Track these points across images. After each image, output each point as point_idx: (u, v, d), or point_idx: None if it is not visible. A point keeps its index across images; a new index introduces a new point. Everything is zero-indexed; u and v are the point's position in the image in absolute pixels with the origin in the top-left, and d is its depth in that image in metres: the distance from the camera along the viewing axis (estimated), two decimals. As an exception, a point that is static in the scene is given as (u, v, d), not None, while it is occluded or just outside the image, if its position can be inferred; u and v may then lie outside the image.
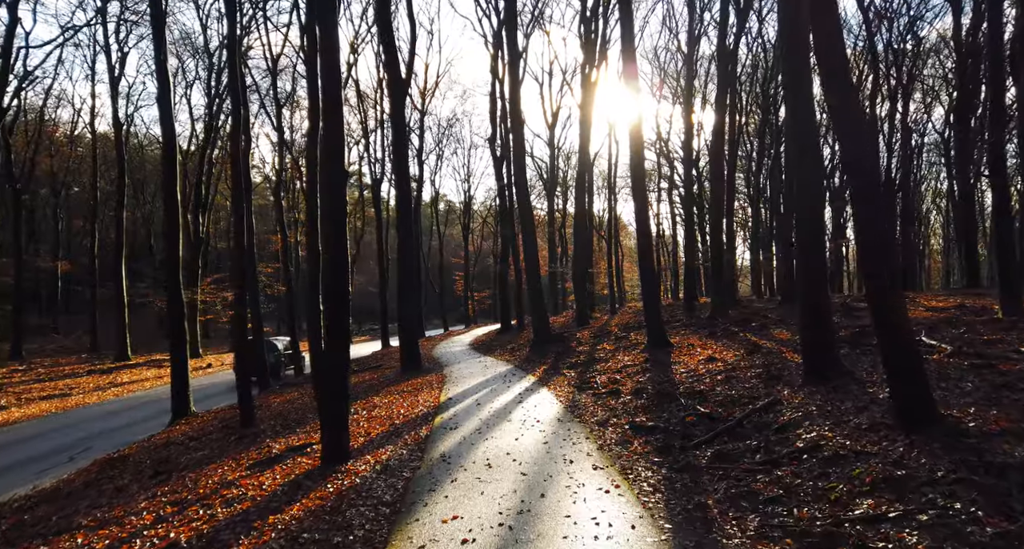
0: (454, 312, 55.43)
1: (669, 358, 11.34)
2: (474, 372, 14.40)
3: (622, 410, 8.17)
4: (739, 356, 9.99)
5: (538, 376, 12.74)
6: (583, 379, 11.30)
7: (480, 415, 8.84)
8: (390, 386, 13.33)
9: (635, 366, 11.29)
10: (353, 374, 18.19)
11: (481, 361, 17.20)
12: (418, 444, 7.36)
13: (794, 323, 14.05)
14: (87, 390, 21.16)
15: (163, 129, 13.33)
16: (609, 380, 10.59)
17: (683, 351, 11.85)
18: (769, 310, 17.44)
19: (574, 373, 12.35)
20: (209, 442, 9.76)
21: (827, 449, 4.96)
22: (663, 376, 9.74)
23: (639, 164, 13.56)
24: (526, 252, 17.86)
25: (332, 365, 6.82)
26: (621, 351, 13.49)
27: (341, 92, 6.64)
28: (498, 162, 27.14)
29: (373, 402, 11.18)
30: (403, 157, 14.65)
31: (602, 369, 11.88)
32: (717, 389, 8.00)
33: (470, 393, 11.08)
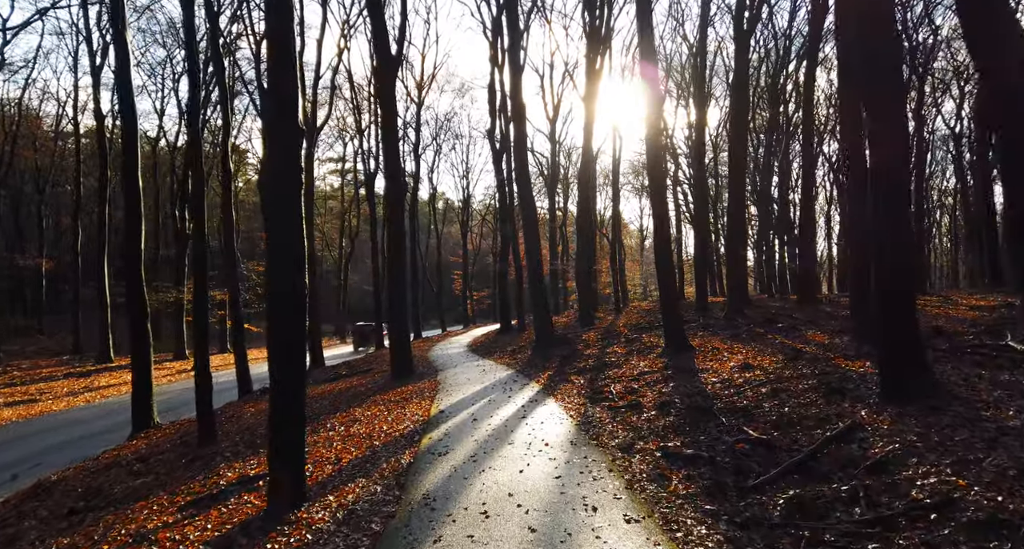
0: (452, 312, 53.87)
1: (693, 364, 9.81)
2: (471, 378, 12.87)
3: (648, 430, 6.64)
4: (779, 363, 8.46)
5: (542, 383, 11.21)
6: (595, 388, 9.77)
7: (476, 434, 7.30)
8: (377, 394, 11.79)
9: (654, 373, 9.76)
10: (340, 379, 16.66)
11: (479, 365, 15.66)
12: (397, 476, 5.82)
13: (827, 325, 12.55)
14: (59, 395, 19.59)
15: (121, 105, 11.80)
16: (626, 389, 9.06)
17: (707, 356, 10.32)
18: (789, 310, 15.94)
19: (583, 380, 10.82)
20: (157, 465, 8.21)
21: (968, 506, 3.43)
22: (691, 386, 8.21)
23: (657, 153, 11.99)
24: (528, 248, 16.33)
25: (281, 383, 5.29)
26: (635, 355, 11.96)
27: (293, 24, 5.10)
28: (497, 155, 25.60)
29: (354, 415, 9.63)
30: (393, 143, 13.14)
31: (615, 376, 10.35)
32: (765, 406, 6.47)
33: (466, 404, 9.54)
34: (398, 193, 13.32)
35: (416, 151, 31.79)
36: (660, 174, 11.88)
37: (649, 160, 11.83)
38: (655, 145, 11.98)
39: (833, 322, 12.68)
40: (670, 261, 11.38)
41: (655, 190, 11.74)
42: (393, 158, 13.24)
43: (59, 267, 35.42)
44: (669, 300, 11.12)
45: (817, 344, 10.00)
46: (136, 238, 12.08)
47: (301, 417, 5.35)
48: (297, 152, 5.17)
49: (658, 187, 11.81)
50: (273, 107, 5.06)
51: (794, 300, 22.35)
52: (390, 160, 13.22)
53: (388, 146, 13.38)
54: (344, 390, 13.58)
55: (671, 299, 11.12)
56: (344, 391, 13.37)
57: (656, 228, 11.50)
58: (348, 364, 20.72)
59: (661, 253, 11.33)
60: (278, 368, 5.29)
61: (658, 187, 11.81)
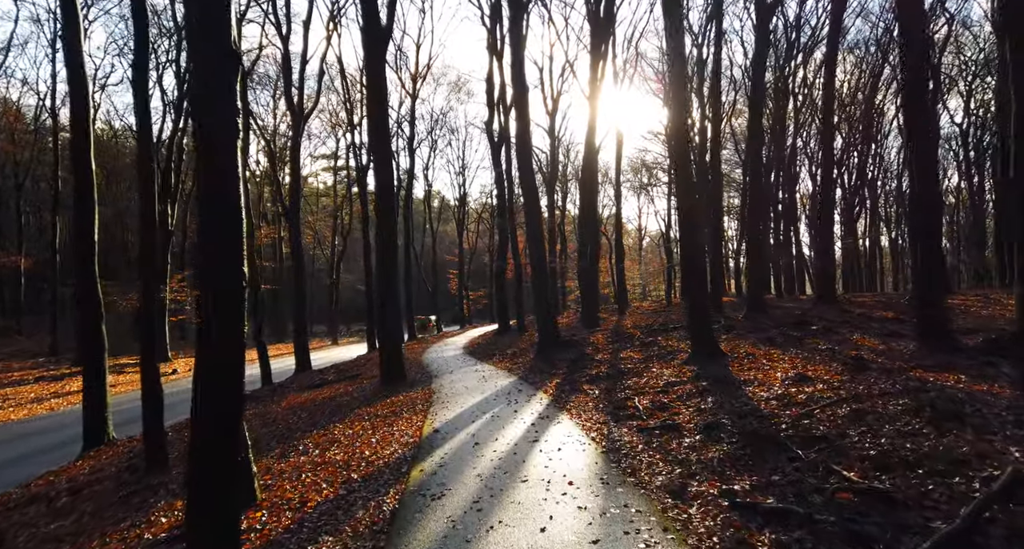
0: (448, 312, 52.31)
1: (729, 373, 8.32)
2: (469, 386, 11.33)
3: (698, 463, 5.14)
4: (842, 374, 6.99)
5: (550, 394, 9.70)
6: (615, 401, 8.27)
7: (479, 465, 5.77)
8: (363, 406, 10.23)
9: (684, 384, 8.26)
10: (326, 385, 15.09)
11: (478, 370, 14.12)
12: (376, 534, 4.29)
13: (869, 327, 11.10)
14: (23, 401, 17.90)
15: (70, 77, 10.19)
16: (654, 404, 7.56)
17: (744, 363, 8.84)
18: (811, 310, 14.50)
19: (598, 391, 9.31)
20: (87, 499, 6.64)
21: None
22: (737, 403, 6.72)
23: (684, 147, 10.46)
24: (530, 240, 14.81)
25: (207, 406, 3.72)
26: (655, 361, 10.46)
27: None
28: (496, 148, 24.07)
29: (333, 434, 8.07)
30: (382, 121, 11.60)
31: (637, 387, 8.85)
32: (851, 434, 4.97)
33: (464, 421, 8.01)
34: (387, 178, 11.77)
35: (411, 145, 30.23)
36: (688, 168, 10.36)
37: (677, 154, 10.30)
38: (682, 138, 10.45)
39: (874, 324, 11.24)
40: (700, 257, 9.90)
41: (682, 183, 10.22)
42: (382, 139, 11.69)
43: (39, 266, 33.60)
44: (698, 300, 9.61)
45: (870, 350, 8.54)
46: (88, 231, 10.50)
47: (231, 467, 3.75)
48: (230, 88, 3.60)
49: (686, 181, 10.28)
50: (195, 18, 3.51)
51: (802, 299, 21.01)
52: (378, 142, 11.67)
53: (376, 124, 11.82)
54: (327, 399, 12.01)
55: (700, 299, 9.62)
56: (327, 400, 11.80)
57: (683, 223, 10.01)
58: (337, 368, 19.14)
59: (690, 247, 9.82)
60: (202, 396, 3.72)
61: (686, 181, 10.28)
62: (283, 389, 15.57)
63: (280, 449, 7.67)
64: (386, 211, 12.02)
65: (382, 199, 11.89)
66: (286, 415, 10.67)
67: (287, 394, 14.62)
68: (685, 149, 10.20)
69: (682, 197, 9.93)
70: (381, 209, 11.87)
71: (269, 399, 14.13)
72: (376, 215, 12.71)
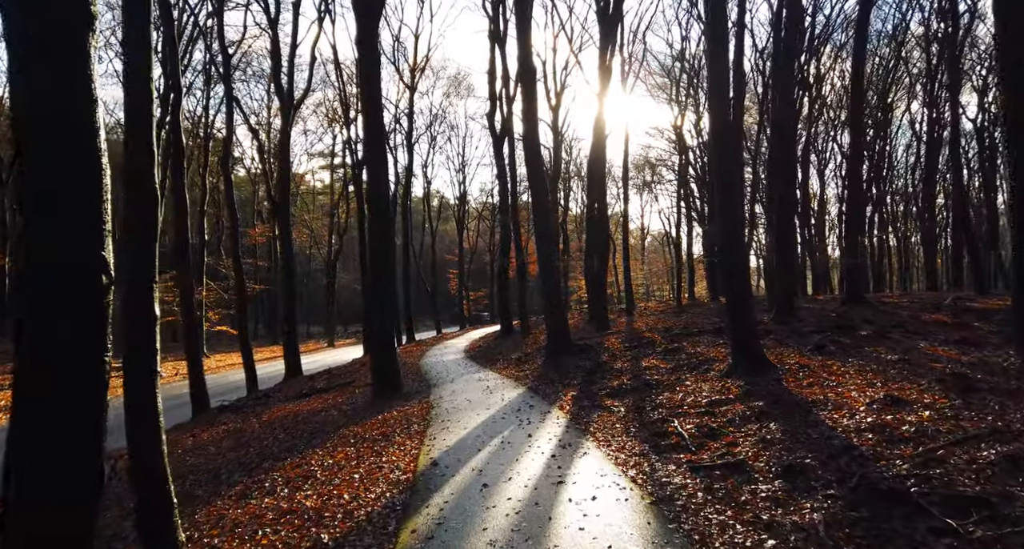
0: (447, 312, 50.83)
1: (785, 391, 6.84)
2: (472, 400, 9.85)
3: (794, 529, 3.66)
4: (946, 396, 5.51)
5: (567, 411, 8.23)
6: (647, 422, 6.82)
7: (490, 524, 4.29)
8: (350, 425, 8.73)
9: (732, 402, 6.79)
10: (315, 395, 13.59)
11: (481, 378, 12.64)
12: None
13: (933, 332, 9.64)
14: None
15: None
16: (700, 430, 6.09)
17: (800, 378, 7.36)
18: (847, 312, 13.03)
19: (624, 408, 7.85)
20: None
21: None
22: (813, 432, 5.24)
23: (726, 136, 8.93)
24: (538, 234, 13.33)
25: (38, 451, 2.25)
26: (687, 372, 8.98)
27: None
28: (498, 141, 22.59)
29: (310, 465, 6.57)
30: (375, 96, 10.12)
31: (672, 404, 7.37)
32: (1015, 491, 3.50)
33: (468, 449, 6.52)
34: (379, 156, 10.28)
35: (409, 140, 28.75)
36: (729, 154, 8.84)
37: (718, 144, 8.73)
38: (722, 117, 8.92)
39: (933, 329, 9.77)
40: (743, 255, 8.41)
41: (722, 174, 8.70)
42: (375, 116, 10.20)
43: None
44: (740, 303, 8.12)
45: (955, 362, 7.07)
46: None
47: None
48: None
49: (728, 172, 8.74)
50: None
51: (819, 299, 19.55)
52: (371, 119, 10.18)
53: (369, 97, 10.33)
54: (313, 413, 10.51)
55: (743, 302, 8.12)
56: (312, 414, 10.30)
57: (723, 216, 8.50)
58: (329, 373, 17.64)
59: (730, 244, 8.32)
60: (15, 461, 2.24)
61: (728, 172, 8.74)
62: (268, 399, 14.08)
63: (243, 484, 6.17)
64: (378, 197, 10.53)
65: (374, 185, 10.39)
66: (263, 434, 9.17)
67: (271, 404, 13.13)
68: (726, 133, 8.69)
69: (721, 190, 8.43)
70: (372, 197, 10.38)
71: (251, 411, 12.64)
72: (367, 202, 11.20)
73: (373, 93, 10.52)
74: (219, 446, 8.66)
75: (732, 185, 8.47)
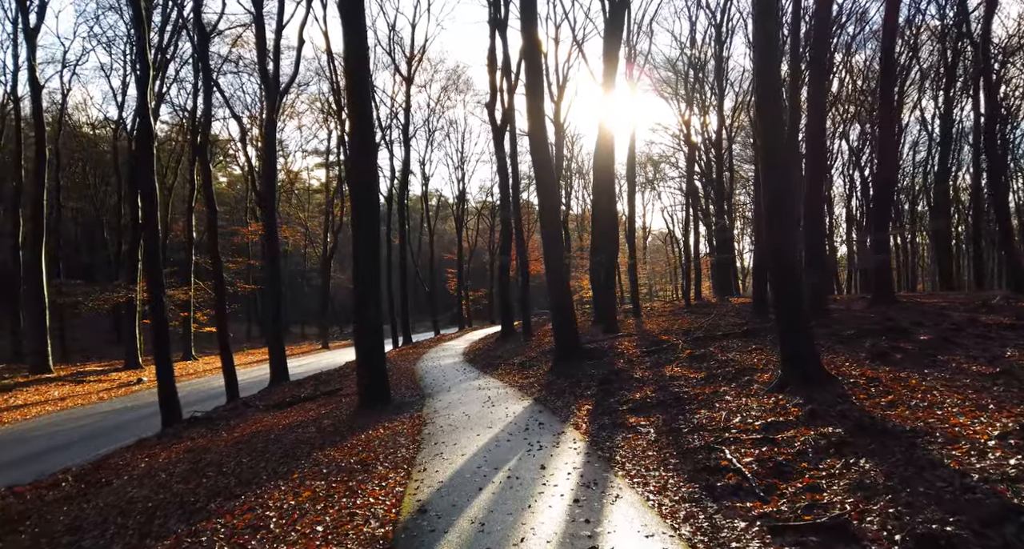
0: (446, 313, 49.38)
1: (861, 412, 5.44)
2: (471, 414, 8.43)
3: None
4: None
5: (585, 430, 6.83)
6: (687, 450, 5.43)
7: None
8: (325, 448, 7.29)
9: (794, 426, 5.38)
10: (297, 404, 12.17)
11: (481, 386, 11.23)
12: None
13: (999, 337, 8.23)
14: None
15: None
16: (763, 465, 4.69)
17: (870, 394, 5.95)
18: (887, 312, 11.63)
19: (653, 428, 6.44)
20: None
21: None
22: (931, 475, 3.83)
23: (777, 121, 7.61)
24: (545, 227, 11.90)
25: None
26: (723, 384, 7.57)
27: None
28: (498, 132, 21.20)
29: (265, 507, 5.14)
30: (361, 62, 8.70)
31: (713, 425, 5.97)
32: None
33: (466, 488, 5.10)
34: (366, 127, 8.86)
35: (406, 134, 27.32)
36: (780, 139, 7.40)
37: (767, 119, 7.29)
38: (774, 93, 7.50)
39: (1005, 333, 8.36)
40: (792, 251, 6.97)
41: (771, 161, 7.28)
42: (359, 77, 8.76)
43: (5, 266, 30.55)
44: (792, 305, 6.70)
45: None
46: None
47: None
48: None
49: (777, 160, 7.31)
50: None
51: (839, 300, 18.14)
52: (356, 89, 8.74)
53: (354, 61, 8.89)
54: (288, 429, 9.07)
55: (794, 304, 6.70)
56: (287, 431, 8.87)
57: (771, 209, 7.07)
58: (317, 379, 16.19)
59: (779, 239, 6.86)
60: None
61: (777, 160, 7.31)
62: (246, 408, 12.63)
63: (175, 539, 4.73)
64: (362, 171, 9.10)
65: (359, 159, 8.96)
66: (226, 456, 7.73)
67: (248, 415, 11.70)
68: (778, 113, 7.25)
69: (771, 179, 7.00)
70: (356, 168, 8.93)
71: (225, 423, 11.21)
72: (350, 175, 9.83)
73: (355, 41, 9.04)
74: (172, 472, 7.22)
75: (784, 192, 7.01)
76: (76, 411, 15.78)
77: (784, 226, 6.94)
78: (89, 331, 32.78)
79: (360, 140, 9.30)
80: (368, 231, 9.50)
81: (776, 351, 9.05)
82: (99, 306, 24.82)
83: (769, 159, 7.00)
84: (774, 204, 6.95)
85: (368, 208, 9.61)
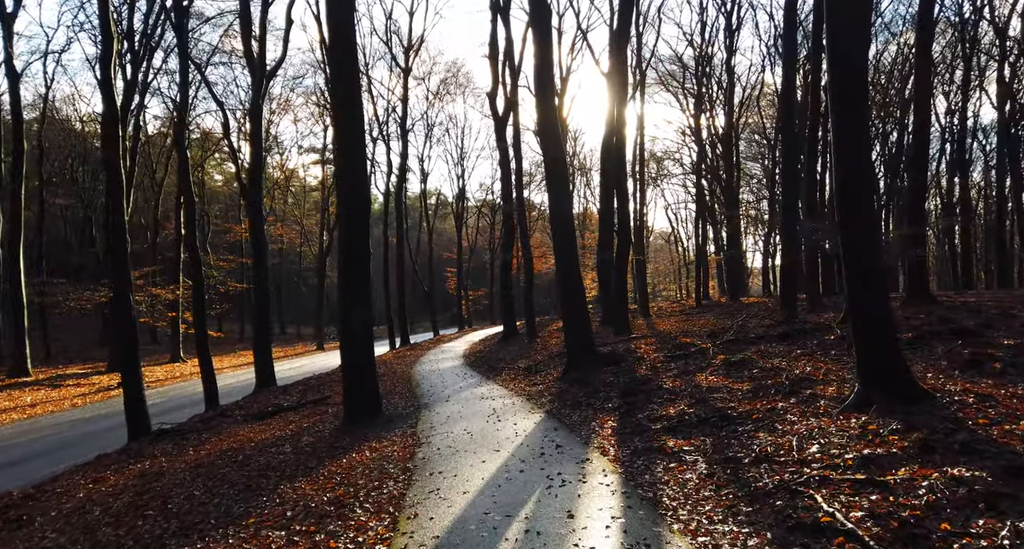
0: (445, 313, 48.01)
1: (988, 441, 4.07)
2: (474, 432, 7.05)
3: None
4: None
5: (614, 456, 5.48)
6: (757, 492, 4.08)
7: None
8: (297, 478, 5.91)
9: (904, 461, 4.01)
10: (279, 414, 10.79)
11: (484, 396, 9.85)
12: None
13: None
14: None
15: None
16: (879, 521, 3.32)
17: (986, 415, 4.59)
18: (931, 312, 10.27)
19: (701, 456, 5.10)
20: None
21: None
22: None
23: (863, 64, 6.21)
24: (554, 215, 10.54)
25: None
26: (780, 399, 6.20)
27: None
28: (500, 122, 19.85)
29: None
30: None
31: (782, 454, 4.62)
32: None
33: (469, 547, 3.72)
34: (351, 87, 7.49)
35: (403, 126, 25.91)
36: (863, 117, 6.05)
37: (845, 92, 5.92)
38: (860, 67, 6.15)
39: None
40: (878, 250, 5.58)
41: (849, 146, 5.90)
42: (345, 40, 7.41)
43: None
44: (874, 303, 5.33)
45: None
46: None
47: None
48: None
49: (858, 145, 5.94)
50: None
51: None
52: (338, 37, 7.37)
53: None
54: (261, 448, 7.68)
55: (877, 302, 5.33)
56: (259, 451, 7.48)
57: (847, 188, 5.69)
58: (306, 384, 14.78)
59: (853, 214, 5.51)
60: None
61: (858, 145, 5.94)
62: (223, 419, 11.23)
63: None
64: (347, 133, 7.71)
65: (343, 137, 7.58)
66: (178, 485, 6.34)
67: (223, 428, 10.31)
68: (863, 84, 5.89)
69: (848, 166, 5.64)
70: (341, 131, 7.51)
71: (195, 436, 9.82)
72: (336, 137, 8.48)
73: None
74: (108, 508, 5.82)
75: (861, 181, 5.64)
76: (44, 419, 14.36)
77: (863, 213, 5.58)
78: (78, 332, 31.36)
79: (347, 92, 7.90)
80: (355, 203, 8.11)
81: (830, 357, 7.71)
82: (81, 306, 23.34)
83: (845, 121, 5.62)
84: (851, 184, 5.58)
85: (354, 159, 8.17)
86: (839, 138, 5.68)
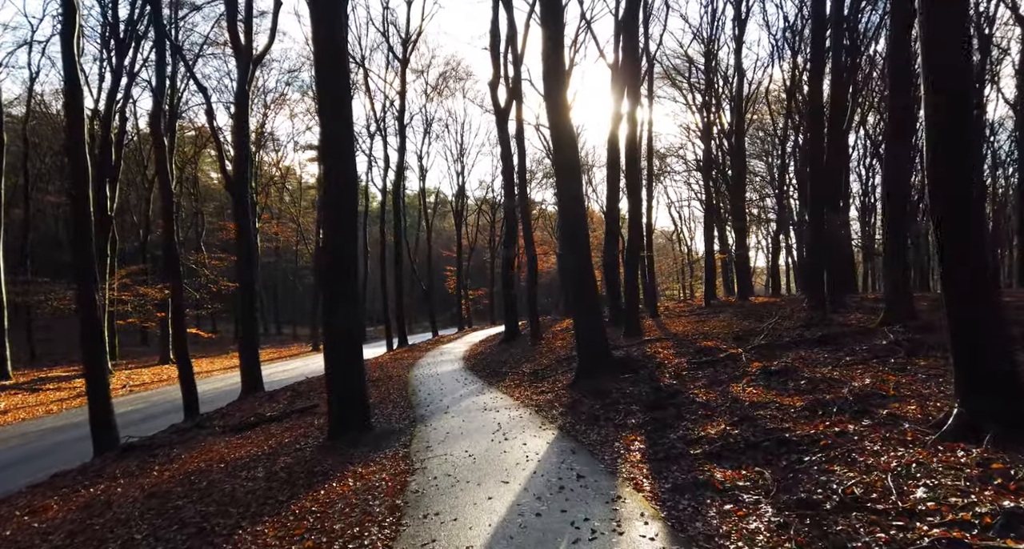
0: (444, 313, 46.89)
1: None
2: (477, 455, 5.93)
3: None
4: None
5: (652, 496, 4.36)
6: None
7: None
8: (261, 517, 4.80)
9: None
10: (260, 426, 9.65)
11: (487, 406, 8.73)
12: None
13: None
14: None
15: None
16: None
17: None
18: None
19: (765, 498, 3.98)
20: None
21: None
22: None
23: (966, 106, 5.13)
24: (563, 205, 9.42)
25: None
26: (849, 420, 5.08)
27: None
28: (502, 114, 18.71)
29: None
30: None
31: (878, 501, 3.49)
32: None
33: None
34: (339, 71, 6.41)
35: (401, 121, 24.76)
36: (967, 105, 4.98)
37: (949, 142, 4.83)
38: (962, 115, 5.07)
39: None
40: (981, 234, 4.49)
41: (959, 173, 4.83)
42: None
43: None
44: (979, 306, 4.25)
45: None
46: None
47: None
48: None
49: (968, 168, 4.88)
50: None
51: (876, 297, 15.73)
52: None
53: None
54: (232, 471, 6.55)
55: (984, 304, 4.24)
56: (228, 475, 6.35)
57: (949, 171, 4.59)
58: (294, 390, 13.63)
59: (966, 228, 4.43)
60: None
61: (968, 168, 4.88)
62: (199, 430, 10.10)
63: None
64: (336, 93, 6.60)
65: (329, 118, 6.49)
66: (120, 523, 5.22)
67: (197, 441, 9.18)
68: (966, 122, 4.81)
69: (951, 142, 4.55)
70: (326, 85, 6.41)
71: (165, 452, 8.69)
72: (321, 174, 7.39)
73: None
74: (30, 554, 4.69)
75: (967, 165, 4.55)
76: (12, 428, 13.22)
77: (970, 203, 4.47)
78: (66, 333, 30.15)
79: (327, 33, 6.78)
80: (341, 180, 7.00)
81: (891, 366, 6.60)
82: (64, 306, 22.18)
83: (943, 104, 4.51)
84: (959, 163, 4.47)
85: (345, 176, 7.09)
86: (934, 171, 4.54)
